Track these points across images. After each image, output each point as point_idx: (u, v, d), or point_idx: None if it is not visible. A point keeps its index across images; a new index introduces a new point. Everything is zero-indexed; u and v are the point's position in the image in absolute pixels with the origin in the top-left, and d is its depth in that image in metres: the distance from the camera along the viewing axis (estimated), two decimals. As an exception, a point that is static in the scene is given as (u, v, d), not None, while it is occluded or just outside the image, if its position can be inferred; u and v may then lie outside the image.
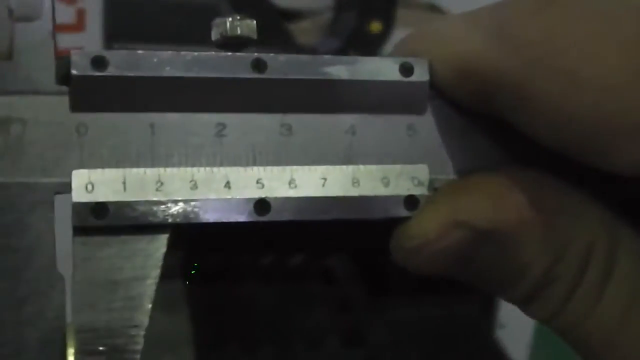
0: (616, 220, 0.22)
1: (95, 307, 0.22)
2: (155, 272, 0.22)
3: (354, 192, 0.24)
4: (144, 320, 0.22)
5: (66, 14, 0.76)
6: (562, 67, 0.20)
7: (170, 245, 0.22)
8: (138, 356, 0.23)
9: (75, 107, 0.22)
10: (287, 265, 0.97)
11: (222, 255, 0.90)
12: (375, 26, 1.06)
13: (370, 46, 1.09)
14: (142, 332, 0.23)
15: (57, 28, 0.75)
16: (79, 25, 0.77)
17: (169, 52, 0.22)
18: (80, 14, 0.77)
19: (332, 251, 0.98)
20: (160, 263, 0.22)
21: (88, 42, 0.77)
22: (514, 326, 0.97)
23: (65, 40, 0.76)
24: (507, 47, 0.21)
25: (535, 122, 0.21)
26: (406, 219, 0.24)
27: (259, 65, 0.23)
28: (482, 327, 0.96)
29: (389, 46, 1.10)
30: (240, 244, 0.87)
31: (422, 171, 0.24)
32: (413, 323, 0.93)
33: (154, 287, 0.22)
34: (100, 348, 0.22)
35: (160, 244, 0.22)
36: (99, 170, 0.22)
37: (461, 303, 0.94)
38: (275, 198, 0.23)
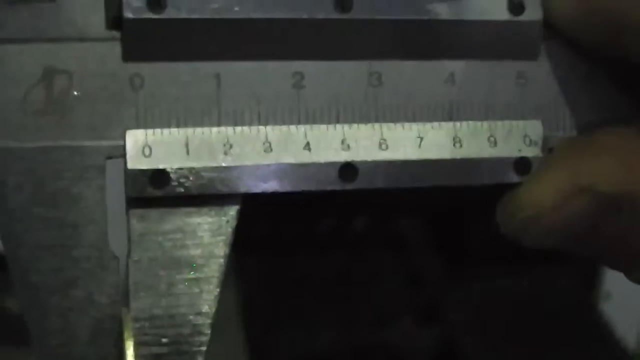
0: None
1: (156, 291, 0.22)
2: (225, 250, 0.22)
3: (456, 153, 0.23)
4: (212, 306, 0.22)
5: None
6: None
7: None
8: (205, 348, 0.23)
9: (129, 55, 0.21)
10: (348, 230, 0.92)
11: (274, 219, 0.86)
12: None
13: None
14: (209, 321, 0.23)
15: None
16: None
17: None
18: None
19: (402, 212, 0.93)
20: (229, 239, 0.22)
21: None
22: (622, 296, 0.90)
23: None
24: None
25: None
26: (517, 184, 0.23)
27: (343, 3, 0.22)
28: (583, 300, 0.89)
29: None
30: (295, 206, 0.82)
31: (535, 128, 0.23)
32: (498, 298, 0.87)
33: (222, 269, 0.22)
34: (163, 339, 0.22)
35: (229, 217, 0.22)
36: (158, 131, 0.21)
37: (557, 272, 0.87)
38: (364, 162, 0.22)
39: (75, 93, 0.21)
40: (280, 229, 0.87)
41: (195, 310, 0.22)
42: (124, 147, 0.21)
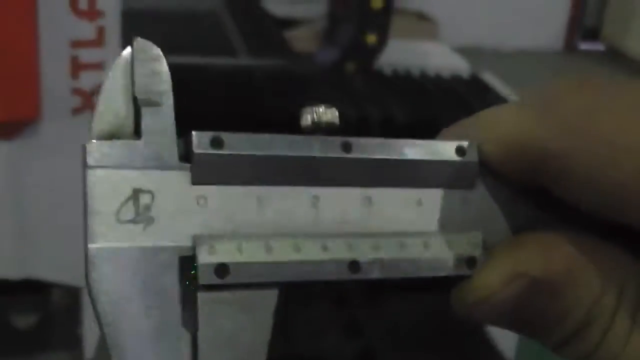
0: None
1: (222, 358, 0.24)
2: (269, 322, 0.24)
3: (428, 254, 0.26)
4: (263, 357, 0.24)
5: (87, 31, 0.81)
6: (602, 137, 0.22)
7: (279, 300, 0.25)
8: None
9: (196, 180, 0.24)
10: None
11: None
12: (371, 38, 1.12)
13: (366, 57, 1.15)
14: None
15: (78, 44, 0.80)
16: (99, 40, 0.82)
17: (273, 134, 0.25)
18: (100, 31, 0.82)
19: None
20: (272, 315, 0.24)
21: (107, 56, 0.82)
22: None
23: (87, 55, 0.82)
24: (551, 123, 0.24)
25: (578, 190, 0.24)
26: (464, 277, 0.26)
27: (346, 146, 0.26)
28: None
29: (384, 56, 1.16)
30: None
31: (477, 236, 0.27)
32: (410, 314, 0.98)
33: (268, 335, 0.24)
34: None
35: (272, 298, 0.24)
36: (219, 236, 0.24)
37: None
38: (364, 260, 0.25)
39: (157, 207, 0.24)
40: None
41: None
42: (192, 247, 0.24)
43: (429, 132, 0.28)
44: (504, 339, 1.00)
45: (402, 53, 1.24)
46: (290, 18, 1.72)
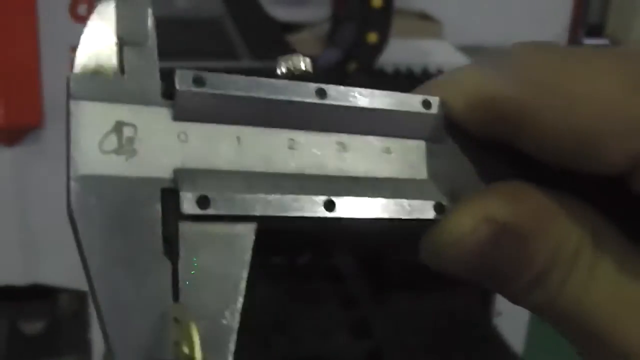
0: (599, 216, 0.26)
1: (201, 289, 0.24)
2: (248, 256, 0.25)
3: (398, 197, 0.27)
4: (240, 298, 0.24)
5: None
6: (559, 88, 0.24)
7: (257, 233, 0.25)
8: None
9: (178, 116, 0.25)
10: (294, 265, 1.03)
11: None
12: (373, 37, 1.11)
13: (368, 56, 1.15)
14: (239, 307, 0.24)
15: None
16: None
17: (253, 77, 0.25)
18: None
19: (337, 251, 1.04)
20: (252, 245, 0.25)
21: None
22: (510, 314, 1.04)
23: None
24: (510, 77, 0.25)
25: (539, 140, 0.25)
26: (433, 222, 0.27)
27: (321, 93, 0.26)
28: (480, 316, 1.02)
29: (386, 55, 1.16)
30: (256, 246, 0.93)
31: (445, 186, 0.28)
32: (415, 316, 0.98)
33: (247, 267, 0.24)
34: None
35: (251, 232, 0.25)
36: (200, 170, 0.25)
37: (459, 295, 1.00)
38: (339, 199, 0.26)
39: (139, 140, 0.24)
40: None
41: (228, 301, 0.24)
42: (173, 179, 0.24)
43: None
44: (513, 333, 1.01)
45: (404, 51, 1.24)
46: (293, 22, 1.72)
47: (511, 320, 1.04)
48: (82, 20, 0.80)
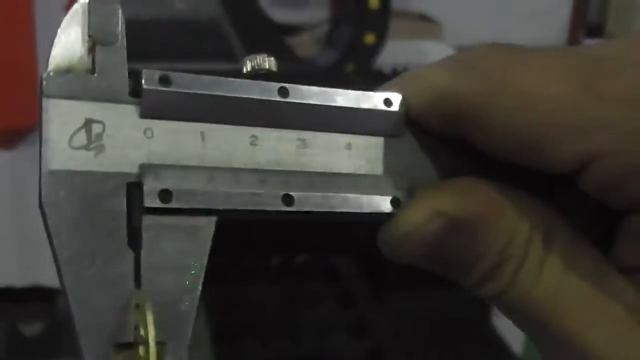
0: (551, 211, 0.27)
1: (163, 277, 0.25)
2: (208, 247, 0.26)
3: (355, 192, 0.28)
4: (199, 287, 0.26)
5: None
6: (515, 88, 0.25)
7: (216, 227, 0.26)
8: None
9: (144, 114, 0.26)
10: (293, 264, 1.04)
11: (233, 255, 0.94)
12: (370, 38, 1.12)
13: (365, 57, 1.15)
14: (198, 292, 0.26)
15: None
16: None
17: (217, 76, 0.27)
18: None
19: (334, 251, 1.05)
20: (212, 236, 0.26)
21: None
22: None
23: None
24: (468, 77, 0.26)
25: (494, 138, 0.26)
26: (389, 215, 0.28)
27: (283, 92, 0.27)
28: (479, 315, 1.02)
29: (384, 56, 1.16)
30: (251, 245, 0.94)
31: (402, 181, 0.28)
32: (414, 314, 0.99)
33: (206, 260, 0.26)
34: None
35: (211, 225, 0.26)
36: (164, 165, 0.26)
37: (458, 294, 0.98)
38: (297, 194, 0.27)
39: (107, 136, 0.25)
40: (239, 262, 0.96)
41: (185, 287, 0.26)
42: (139, 174, 0.25)
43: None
44: (512, 334, 1.00)
45: (402, 53, 1.24)
46: (292, 24, 1.72)
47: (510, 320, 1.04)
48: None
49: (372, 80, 1.20)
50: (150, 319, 0.24)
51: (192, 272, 0.26)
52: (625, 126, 0.24)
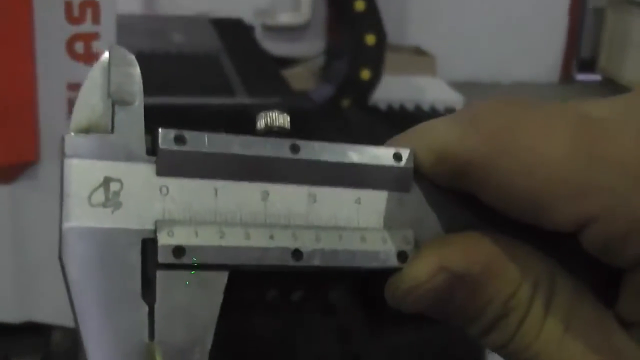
0: (554, 264, 0.28)
1: (175, 329, 0.26)
2: (219, 299, 0.27)
3: (364, 247, 0.29)
4: (210, 337, 0.27)
5: (84, 73, 0.82)
6: (517, 150, 0.26)
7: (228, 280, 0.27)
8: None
9: (160, 172, 0.27)
10: (289, 299, 1.04)
11: (231, 292, 0.93)
12: (366, 74, 1.13)
13: (361, 92, 1.16)
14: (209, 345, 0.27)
15: (75, 86, 0.81)
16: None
17: (230, 135, 0.28)
18: (97, 73, 0.84)
19: (330, 286, 1.04)
20: (222, 293, 0.27)
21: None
22: None
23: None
24: (475, 135, 0.27)
25: (497, 195, 0.27)
26: (397, 269, 0.28)
27: (294, 148, 0.28)
28: (474, 352, 1.03)
29: (380, 92, 1.17)
30: (250, 281, 0.94)
31: (409, 234, 0.29)
32: (409, 347, 1.00)
33: (217, 311, 0.27)
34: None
35: (223, 279, 0.27)
36: (178, 221, 0.27)
37: (454, 329, 1.00)
38: (306, 249, 0.28)
39: (125, 194, 0.26)
40: (236, 298, 0.97)
41: (198, 340, 0.27)
42: (154, 230, 0.26)
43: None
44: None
45: (397, 88, 1.26)
46: (287, 57, 1.73)
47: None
48: (79, 57, 0.81)
49: (367, 116, 1.20)
50: None
51: (204, 323, 0.26)
52: (619, 190, 0.25)
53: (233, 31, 1.68)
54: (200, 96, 1.24)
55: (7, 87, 0.78)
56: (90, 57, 0.81)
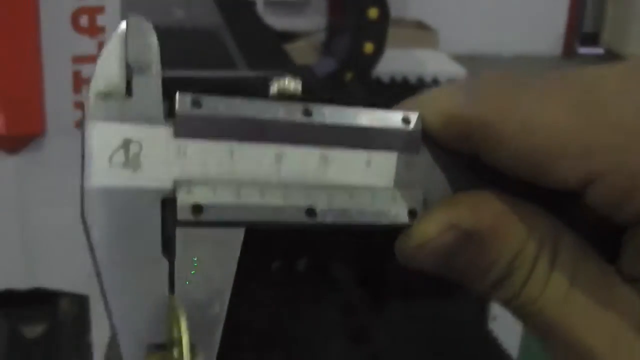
0: (558, 223, 0.29)
1: (195, 284, 0.27)
2: (236, 256, 0.28)
3: (374, 205, 0.30)
4: (228, 292, 0.28)
5: (88, 46, 0.83)
6: (518, 112, 0.27)
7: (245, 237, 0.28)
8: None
9: (178, 134, 0.28)
10: (294, 269, 1.03)
11: (238, 262, 0.94)
12: (369, 48, 1.13)
13: (363, 66, 1.16)
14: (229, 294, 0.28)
15: (80, 59, 0.82)
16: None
17: (245, 98, 0.29)
18: (101, 46, 0.83)
19: (333, 259, 1.05)
20: (238, 250, 0.28)
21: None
22: (505, 318, 1.03)
23: (88, 70, 0.83)
24: (478, 100, 0.28)
25: (501, 155, 0.28)
26: (407, 226, 0.29)
27: (307, 112, 0.29)
28: (476, 320, 1.04)
29: (382, 65, 1.17)
30: (254, 252, 0.94)
31: (419, 194, 0.30)
32: (413, 321, 1.00)
33: (235, 268, 0.28)
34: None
35: (239, 236, 0.28)
36: (196, 180, 0.28)
37: (455, 300, 1.01)
38: (319, 207, 0.29)
39: (143, 155, 0.27)
40: (242, 268, 0.98)
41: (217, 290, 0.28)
42: (173, 190, 0.27)
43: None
44: (508, 337, 1.02)
45: (400, 61, 1.26)
46: (290, 31, 1.73)
47: (506, 325, 1.05)
48: (84, 31, 0.81)
49: (370, 89, 1.21)
50: (183, 322, 0.26)
51: (222, 278, 0.28)
52: (623, 148, 0.25)
53: (234, 5, 1.68)
54: (202, 69, 1.24)
55: (12, 59, 0.78)
56: (95, 31, 0.81)
